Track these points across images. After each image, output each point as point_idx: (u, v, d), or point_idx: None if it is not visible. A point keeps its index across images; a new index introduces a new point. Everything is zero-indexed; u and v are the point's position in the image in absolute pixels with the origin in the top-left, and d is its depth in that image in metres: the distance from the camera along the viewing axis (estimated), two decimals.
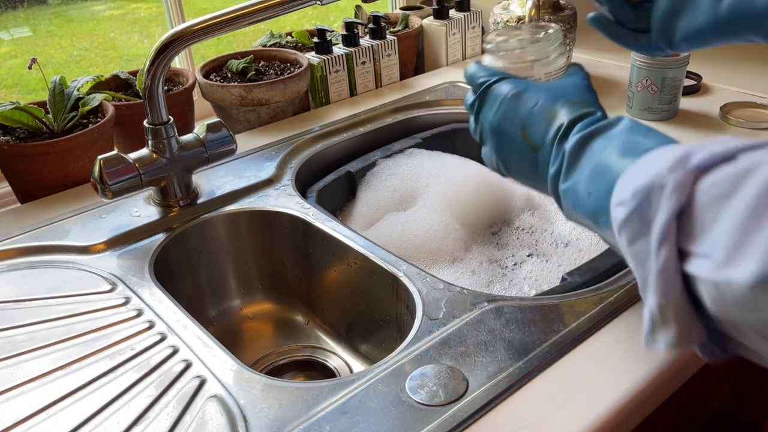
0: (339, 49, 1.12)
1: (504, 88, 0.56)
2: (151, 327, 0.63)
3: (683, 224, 0.35)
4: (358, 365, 0.80)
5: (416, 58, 1.27)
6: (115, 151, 0.76)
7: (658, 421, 0.60)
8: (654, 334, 0.37)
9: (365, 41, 1.15)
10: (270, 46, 1.17)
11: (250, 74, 1.06)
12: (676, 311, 0.35)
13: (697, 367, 0.60)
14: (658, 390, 0.56)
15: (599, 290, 0.65)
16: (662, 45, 0.64)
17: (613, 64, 1.20)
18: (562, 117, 0.51)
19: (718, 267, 0.31)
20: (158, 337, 0.62)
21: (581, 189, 0.47)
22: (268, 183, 0.88)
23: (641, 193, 0.37)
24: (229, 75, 1.07)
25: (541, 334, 0.60)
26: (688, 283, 0.35)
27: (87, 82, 0.93)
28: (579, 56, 1.22)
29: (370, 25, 1.16)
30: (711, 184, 0.34)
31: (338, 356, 0.81)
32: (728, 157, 0.34)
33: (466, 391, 0.54)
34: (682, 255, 0.35)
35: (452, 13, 1.26)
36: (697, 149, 0.36)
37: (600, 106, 0.52)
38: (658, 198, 0.35)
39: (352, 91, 1.15)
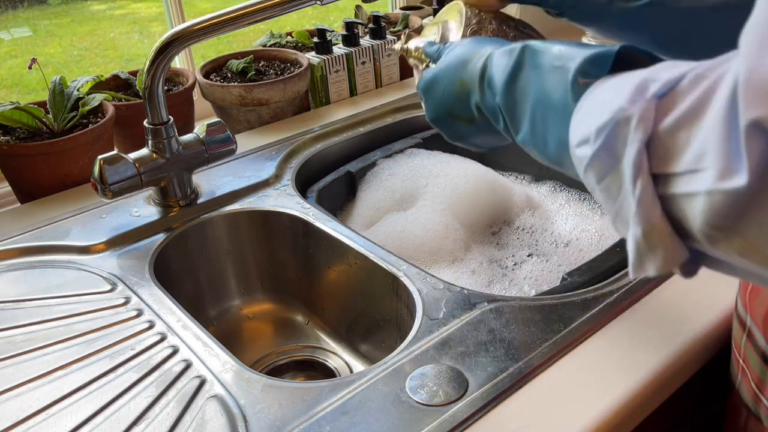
0: (339, 49, 1.12)
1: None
2: (151, 327, 0.63)
3: (653, 151, 0.35)
4: (358, 365, 0.80)
5: None
6: (115, 151, 0.76)
7: (657, 423, 0.60)
8: (641, 263, 0.38)
9: (365, 41, 1.15)
10: (270, 46, 1.17)
11: (250, 74, 1.06)
12: (660, 235, 0.36)
13: (697, 367, 0.60)
14: (657, 391, 0.56)
15: (599, 290, 0.65)
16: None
17: None
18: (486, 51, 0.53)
19: (717, 177, 0.32)
20: (158, 337, 0.62)
21: (537, 140, 0.47)
22: (268, 183, 0.88)
23: (606, 130, 0.37)
24: (229, 75, 1.07)
25: (541, 334, 0.60)
26: (664, 206, 0.36)
27: (87, 82, 0.93)
28: None
29: (370, 25, 1.16)
30: (674, 108, 0.35)
31: (338, 356, 0.81)
32: (680, 79, 0.35)
33: (466, 391, 0.54)
34: (656, 179, 0.36)
35: None
36: (650, 77, 0.37)
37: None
38: (625, 132, 0.36)
39: (352, 91, 1.15)
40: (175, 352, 0.60)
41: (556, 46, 0.46)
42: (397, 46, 0.72)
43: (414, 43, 0.71)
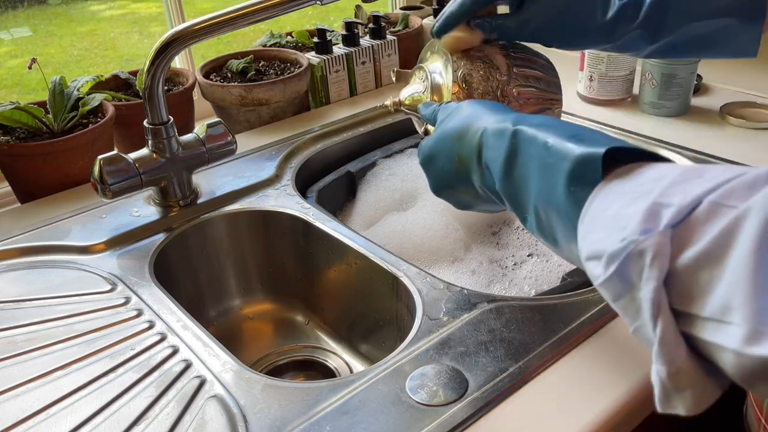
0: (339, 49, 1.12)
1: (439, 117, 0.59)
2: (151, 327, 0.63)
3: (671, 286, 0.33)
4: (358, 365, 0.80)
5: (417, 57, 1.27)
6: (115, 151, 0.76)
7: (657, 423, 0.60)
8: (669, 401, 0.35)
9: (365, 41, 1.15)
10: (270, 46, 1.17)
11: (250, 74, 1.06)
12: (688, 377, 0.34)
13: None
14: None
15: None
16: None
17: None
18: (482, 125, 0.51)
19: (745, 340, 0.29)
20: (158, 337, 0.62)
21: (545, 235, 0.45)
22: (268, 183, 0.88)
23: (618, 260, 0.35)
24: (229, 75, 1.07)
25: (541, 334, 0.60)
26: (690, 343, 0.33)
27: (87, 82, 0.93)
28: None
29: (370, 25, 1.16)
30: (691, 242, 0.32)
31: (338, 356, 0.81)
32: (696, 205, 0.33)
33: (466, 391, 0.54)
34: (678, 314, 0.33)
35: None
36: (661, 201, 0.34)
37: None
38: (639, 265, 0.34)
39: (352, 91, 1.15)
40: (175, 352, 0.60)
41: (547, 137, 0.44)
42: (389, 102, 0.71)
43: (406, 94, 0.69)
